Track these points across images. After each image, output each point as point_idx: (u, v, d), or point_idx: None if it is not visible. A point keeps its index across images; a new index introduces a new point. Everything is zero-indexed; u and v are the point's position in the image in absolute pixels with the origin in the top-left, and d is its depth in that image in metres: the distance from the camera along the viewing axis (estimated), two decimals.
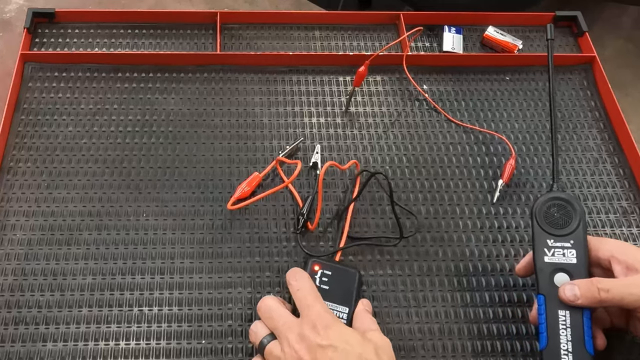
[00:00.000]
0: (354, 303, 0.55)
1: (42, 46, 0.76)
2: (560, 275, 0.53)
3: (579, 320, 0.51)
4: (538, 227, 0.55)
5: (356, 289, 0.56)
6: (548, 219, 0.55)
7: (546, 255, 0.54)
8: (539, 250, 0.54)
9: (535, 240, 0.54)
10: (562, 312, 0.52)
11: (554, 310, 0.52)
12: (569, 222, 0.54)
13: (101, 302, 0.58)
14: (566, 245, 0.53)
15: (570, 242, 0.54)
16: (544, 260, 0.54)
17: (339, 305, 0.54)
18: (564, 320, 0.51)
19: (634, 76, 1.74)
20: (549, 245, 0.54)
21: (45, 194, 0.64)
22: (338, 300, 0.55)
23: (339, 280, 0.56)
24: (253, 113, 0.72)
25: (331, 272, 0.56)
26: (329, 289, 0.55)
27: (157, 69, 0.74)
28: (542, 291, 0.53)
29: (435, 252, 0.63)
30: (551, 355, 0.51)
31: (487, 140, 0.71)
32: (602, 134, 0.73)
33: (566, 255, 0.53)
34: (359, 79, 0.70)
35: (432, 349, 0.57)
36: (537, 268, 0.54)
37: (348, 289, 0.56)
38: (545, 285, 0.53)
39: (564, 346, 0.51)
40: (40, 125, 0.69)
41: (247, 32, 0.80)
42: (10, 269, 0.59)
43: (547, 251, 0.54)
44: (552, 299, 0.52)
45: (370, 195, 0.66)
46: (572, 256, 0.53)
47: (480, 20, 0.82)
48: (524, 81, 0.77)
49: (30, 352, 0.55)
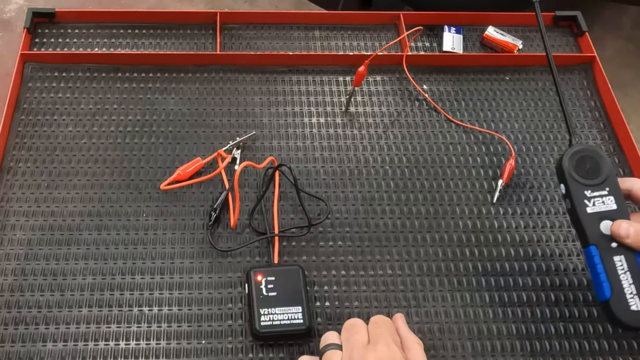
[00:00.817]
0: (305, 299, 0.55)
1: (42, 46, 0.76)
2: (605, 222, 0.54)
3: (634, 262, 0.52)
4: (574, 182, 0.56)
5: (303, 286, 0.56)
6: (580, 171, 0.56)
7: (588, 207, 0.55)
8: (579, 204, 0.55)
9: (573, 195, 0.55)
10: (617, 258, 0.53)
11: (609, 258, 0.53)
12: (599, 170, 0.56)
13: (101, 302, 0.58)
14: (603, 193, 0.55)
15: (606, 189, 0.55)
16: (587, 212, 0.55)
17: (291, 307, 0.55)
18: (622, 265, 0.53)
19: (634, 76, 1.74)
20: (588, 196, 0.55)
21: (45, 194, 0.64)
22: (289, 302, 0.55)
23: (285, 281, 0.56)
24: (253, 113, 0.72)
25: (274, 276, 0.56)
26: (277, 294, 0.55)
27: (157, 69, 0.75)
28: (592, 241, 0.54)
29: (435, 252, 0.63)
30: (619, 302, 0.51)
31: (487, 140, 0.71)
32: (602, 134, 0.73)
33: (606, 202, 0.55)
34: (358, 79, 0.70)
35: (432, 349, 0.57)
36: (583, 221, 0.54)
37: (296, 288, 0.56)
38: (594, 236, 0.54)
39: (627, 290, 0.52)
40: (40, 125, 0.69)
41: (247, 32, 0.80)
42: (10, 269, 0.59)
43: (587, 202, 0.55)
44: (604, 247, 0.53)
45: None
46: (612, 202, 0.55)
47: (480, 20, 0.82)
48: (524, 81, 0.77)
49: (30, 352, 0.55)
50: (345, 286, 0.60)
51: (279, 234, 0.61)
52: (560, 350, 0.57)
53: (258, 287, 0.56)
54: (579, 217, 0.55)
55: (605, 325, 0.59)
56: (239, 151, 0.68)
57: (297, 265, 0.58)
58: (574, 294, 0.61)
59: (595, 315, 0.59)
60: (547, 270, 0.62)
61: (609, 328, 0.59)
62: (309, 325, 0.55)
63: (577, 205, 0.55)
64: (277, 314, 0.55)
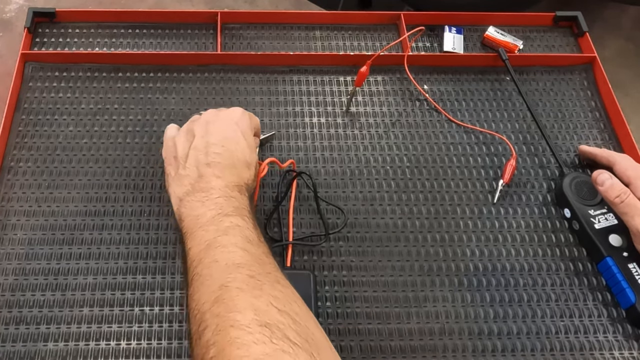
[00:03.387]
0: (314, 305, 0.55)
1: (43, 46, 0.76)
2: (613, 236, 0.61)
3: None
4: (578, 204, 0.63)
5: (313, 291, 0.56)
6: (581, 194, 0.64)
7: (595, 224, 0.62)
8: (588, 223, 0.62)
9: (581, 216, 0.62)
10: (631, 265, 0.59)
11: (625, 266, 0.59)
12: (594, 192, 0.63)
13: (101, 301, 0.58)
14: (603, 211, 0.63)
15: (605, 207, 0.63)
16: (595, 228, 0.61)
17: None
18: (636, 271, 0.59)
19: (634, 76, 1.74)
20: (593, 214, 0.62)
21: (45, 194, 0.64)
22: None
23: (294, 285, 0.55)
24: (254, 113, 0.72)
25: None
26: None
27: (157, 68, 0.75)
28: (607, 253, 0.60)
29: (436, 252, 0.63)
30: None
31: (487, 141, 0.71)
32: (602, 134, 0.73)
33: (608, 219, 0.62)
34: (360, 79, 0.70)
35: (432, 349, 0.57)
36: (595, 237, 0.61)
37: (305, 293, 0.55)
38: (607, 248, 0.60)
39: None
40: (41, 124, 0.69)
41: (247, 32, 0.80)
42: (11, 269, 0.59)
43: (594, 220, 0.62)
44: (618, 257, 0.59)
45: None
46: (613, 218, 0.62)
47: (481, 20, 0.82)
48: (524, 81, 0.77)
49: (31, 352, 0.55)
50: (346, 286, 0.60)
51: (293, 241, 0.61)
52: (561, 349, 0.57)
53: None
54: (590, 234, 0.61)
55: (607, 322, 0.59)
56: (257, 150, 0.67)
57: (308, 271, 0.58)
58: (574, 293, 0.61)
59: (595, 314, 0.60)
60: (547, 270, 0.62)
61: (609, 325, 0.59)
62: None
63: (586, 224, 0.62)
64: None
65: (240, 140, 0.58)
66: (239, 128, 0.59)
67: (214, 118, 0.59)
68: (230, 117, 0.59)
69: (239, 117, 0.60)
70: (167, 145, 0.60)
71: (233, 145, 0.57)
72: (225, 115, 0.60)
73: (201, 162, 0.55)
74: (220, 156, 0.56)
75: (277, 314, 0.42)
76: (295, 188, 0.65)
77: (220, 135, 0.57)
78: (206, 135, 0.57)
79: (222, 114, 0.60)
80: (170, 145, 0.59)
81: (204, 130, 0.58)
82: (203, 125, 0.59)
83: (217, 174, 0.54)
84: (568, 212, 0.64)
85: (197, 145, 0.57)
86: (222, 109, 0.62)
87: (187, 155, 0.57)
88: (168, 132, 0.61)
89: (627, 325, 0.59)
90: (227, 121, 0.59)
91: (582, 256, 0.63)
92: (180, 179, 0.56)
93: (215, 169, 0.55)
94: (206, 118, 0.60)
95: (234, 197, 0.53)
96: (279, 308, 0.43)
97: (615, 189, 0.60)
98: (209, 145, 0.56)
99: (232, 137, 0.58)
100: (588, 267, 0.62)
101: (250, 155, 0.58)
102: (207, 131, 0.58)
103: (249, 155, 0.58)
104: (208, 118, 0.60)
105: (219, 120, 0.59)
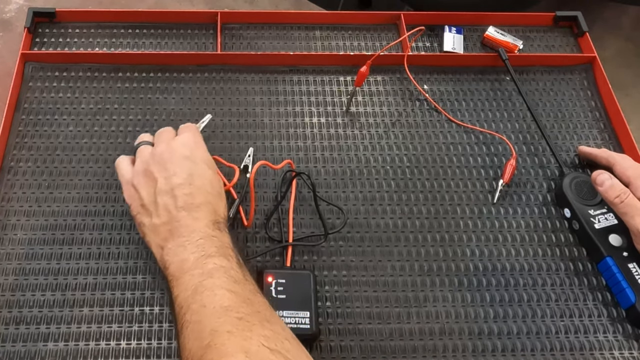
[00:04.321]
0: (314, 305, 0.55)
1: (43, 46, 0.76)
2: (613, 236, 0.61)
3: None
4: (578, 204, 0.63)
5: (313, 291, 0.56)
6: (581, 194, 0.64)
7: (595, 223, 0.62)
8: (588, 222, 0.62)
9: (581, 216, 0.62)
10: (631, 265, 0.59)
11: (625, 266, 0.59)
12: (594, 192, 0.63)
13: (101, 301, 0.58)
14: (603, 210, 0.62)
15: (605, 207, 0.62)
16: (595, 228, 0.61)
17: (299, 311, 0.54)
18: (636, 271, 0.58)
19: (634, 76, 1.74)
20: (593, 214, 0.62)
21: (45, 194, 0.64)
22: (298, 306, 0.55)
23: (294, 285, 0.56)
24: (254, 113, 0.72)
25: (285, 279, 0.56)
26: (286, 297, 0.55)
27: (157, 68, 0.75)
28: (607, 253, 0.60)
29: (436, 252, 0.63)
30: None
31: (487, 141, 0.71)
32: (603, 134, 0.73)
33: (608, 219, 0.62)
34: (360, 79, 0.70)
35: (432, 349, 0.57)
36: (594, 236, 0.61)
37: (305, 293, 0.55)
38: (607, 248, 0.60)
39: None
40: (41, 124, 0.69)
41: (247, 32, 0.80)
42: (11, 269, 0.59)
43: (594, 220, 0.62)
44: (618, 257, 0.59)
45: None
46: (613, 218, 0.62)
47: (481, 20, 0.82)
48: (524, 81, 0.77)
49: (31, 352, 0.55)
50: (346, 286, 0.60)
51: (293, 242, 0.61)
52: (561, 349, 0.57)
53: (268, 289, 0.55)
54: (590, 234, 0.61)
55: (607, 322, 0.59)
56: (250, 158, 0.67)
57: (309, 271, 0.58)
58: (574, 293, 0.61)
59: (595, 314, 0.60)
60: (547, 270, 0.62)
61: (609, 325, 0.59)
62: (316, 332, 0.55)
63: (586, 224, 0.61)
64: (285, 317, 0.54)
65: (205, 172, 0.56)
66: (198, 157, 0.56)
67: (168, 154, 0.56)
68: (185, 147, 0.56)
69: (193, 144, 0.57)
70: (129, 191, 0.57)
71: (200, 180, 0.55)
72: (179, 147, 0.56)
73: (173, 207, 0.53)
74: (191, 196, 0.53)
75: (269, 354, 0.42)
76: (295, 188, 0.65)
77: (184, 172, 0.54)
78: (169, 177, 0.54)
79: (175, 144, 0.57)
80: (133, 193, 0.56)
81: (164, 170, 0.55)
82: (160, 164, 0.55)
83: (194, 216, 0.53)
84: (568, 212, 0.64)
85: (162, 189, 0.54)
86: (171, 137, 0.58)
87: (155, 202, 0.54)
88: (123, 172, 0.58)
89: (627, 325, 0.59)
90: (183, 153, 0.56)
91: (582, 256, 0.63)
92: (155, 228, 0.54)
93: (190, 211, 0.53)
94: (160, 155, 0.56)
95: (215, 236, 0.52)
96: (270, 348, 0.42)
97: (615, 189, 0.60)
98: (175, 188, 0.54)
99: (196, 172, 0.55)
100: (588, 267, 0.62)
101: (218, 183, 0.56)
102: (167, 171, 0.55)
103: (217, 183, 0.56)
104: (162, 155, 0.56)
105: (175, 155, 0.56)
